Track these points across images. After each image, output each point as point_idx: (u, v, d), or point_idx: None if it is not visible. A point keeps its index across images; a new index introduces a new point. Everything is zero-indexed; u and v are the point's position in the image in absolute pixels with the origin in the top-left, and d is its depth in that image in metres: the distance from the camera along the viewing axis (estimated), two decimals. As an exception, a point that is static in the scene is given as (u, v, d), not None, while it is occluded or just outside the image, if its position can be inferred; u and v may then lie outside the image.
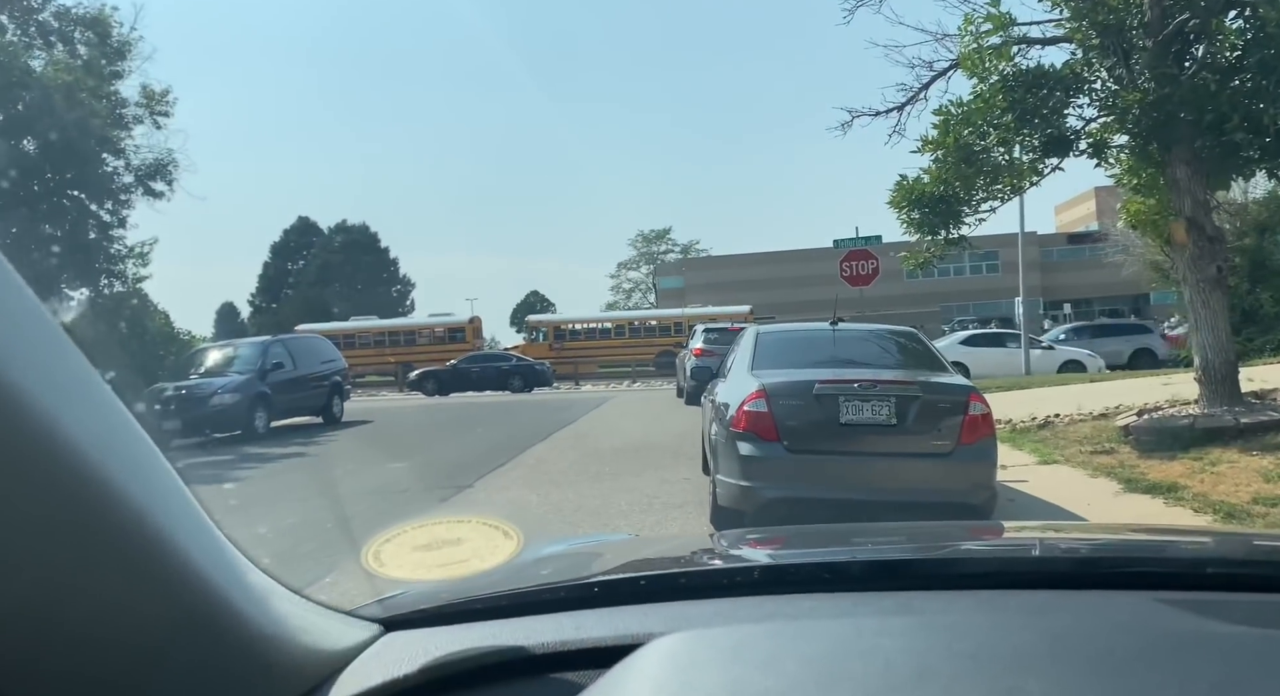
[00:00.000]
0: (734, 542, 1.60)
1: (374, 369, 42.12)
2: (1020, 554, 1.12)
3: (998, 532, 1.67)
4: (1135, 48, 8.82)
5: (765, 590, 0.97)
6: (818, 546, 1.39)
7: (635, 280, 79.72)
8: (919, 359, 6.88)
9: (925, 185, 9.90)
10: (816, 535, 1.73)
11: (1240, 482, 6.55)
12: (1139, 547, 1.29)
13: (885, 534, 1.66)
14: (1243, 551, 1.27)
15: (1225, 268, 9.35)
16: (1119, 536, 1.55)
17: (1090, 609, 0.86)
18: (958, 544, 1.38)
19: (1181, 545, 1.32)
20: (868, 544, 1.37)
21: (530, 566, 1.29)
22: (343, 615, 0.97)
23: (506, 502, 7.85)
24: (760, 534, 1.97)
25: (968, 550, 1.19)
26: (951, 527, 1.74)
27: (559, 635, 0.91)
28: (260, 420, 14.98)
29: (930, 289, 49.00)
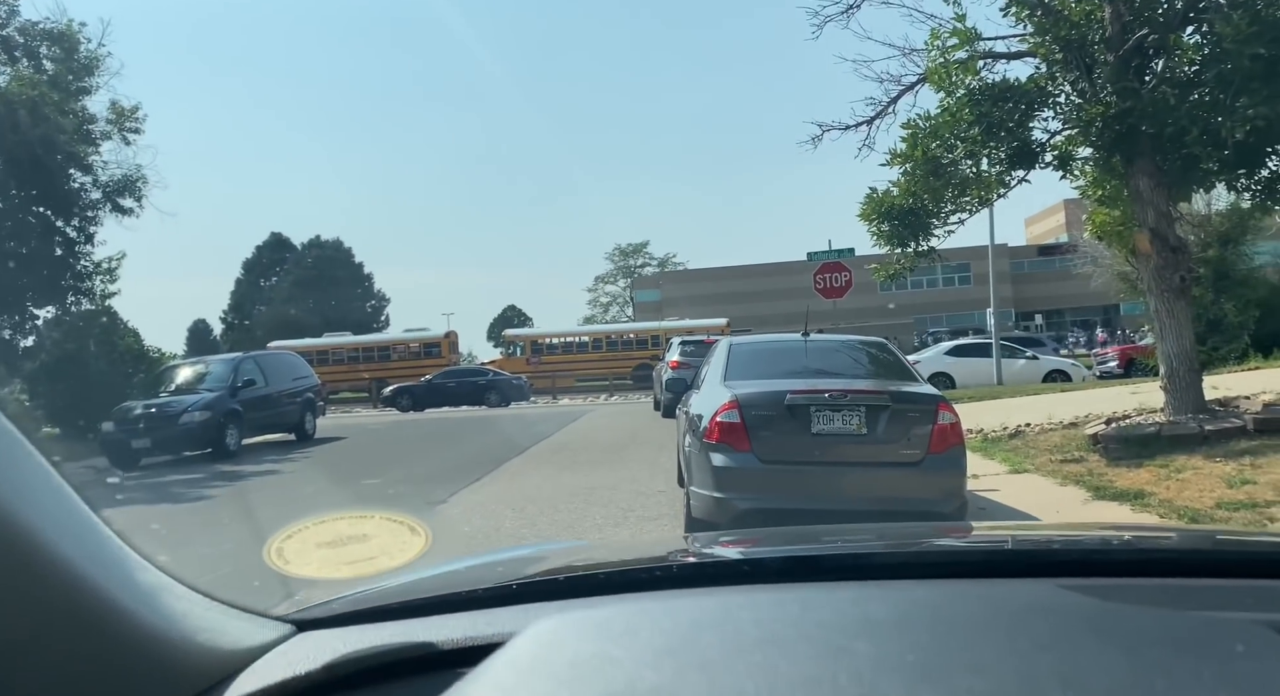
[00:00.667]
0: (676, 544, 1.61)
1: (348, 385, 41.79)
2: (931, 547, 1.14)
3: (938, 532, 1.69)
4: (1097, 62, 9.00)
5: (683, 584, 0.98)
6: (761, 546, 1.39)
7: (612, 294, 79.89)
8: (889, 369, 6.93)
9: (895, 198, 10.01)
10: (765, 536, 1.74)
11: (1205, 488, 6.65)
12: (1050, 539, 1.32)
13: (824, 534, 1.67)
14: (1148, 542, 1.29)
15: (1189, 278, 9.52)
16: (1039, 532, 1.58)
17: (986, 595, 0.88)
18: (878, 540, 1.40)
19: (1094, 536, 1.34)
20: (802, 543, 1.38)
21: (466, 567, 1.29)
22: (252, 615, 0.96)
23: (480, 517, 7.79)
24: (711, 537, 1.98)
25: (879, 545, 1.21)
26: (898, 527, 1.76)
27: (471, 631, 0.91)
28: (232, 438, 14.81)
29: (903, 301, 49.48)
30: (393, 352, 43.56)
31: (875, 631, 0.73)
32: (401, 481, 10.61)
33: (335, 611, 1.05)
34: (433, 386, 30.19)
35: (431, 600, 1.05)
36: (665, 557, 1.18)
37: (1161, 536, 1.52)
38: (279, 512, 8.71)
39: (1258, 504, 6.00)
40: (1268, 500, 6.07)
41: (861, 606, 0.78)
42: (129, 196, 20.40)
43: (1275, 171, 9.14)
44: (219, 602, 0.91)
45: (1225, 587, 0.93)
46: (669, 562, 1.06)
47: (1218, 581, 0.95)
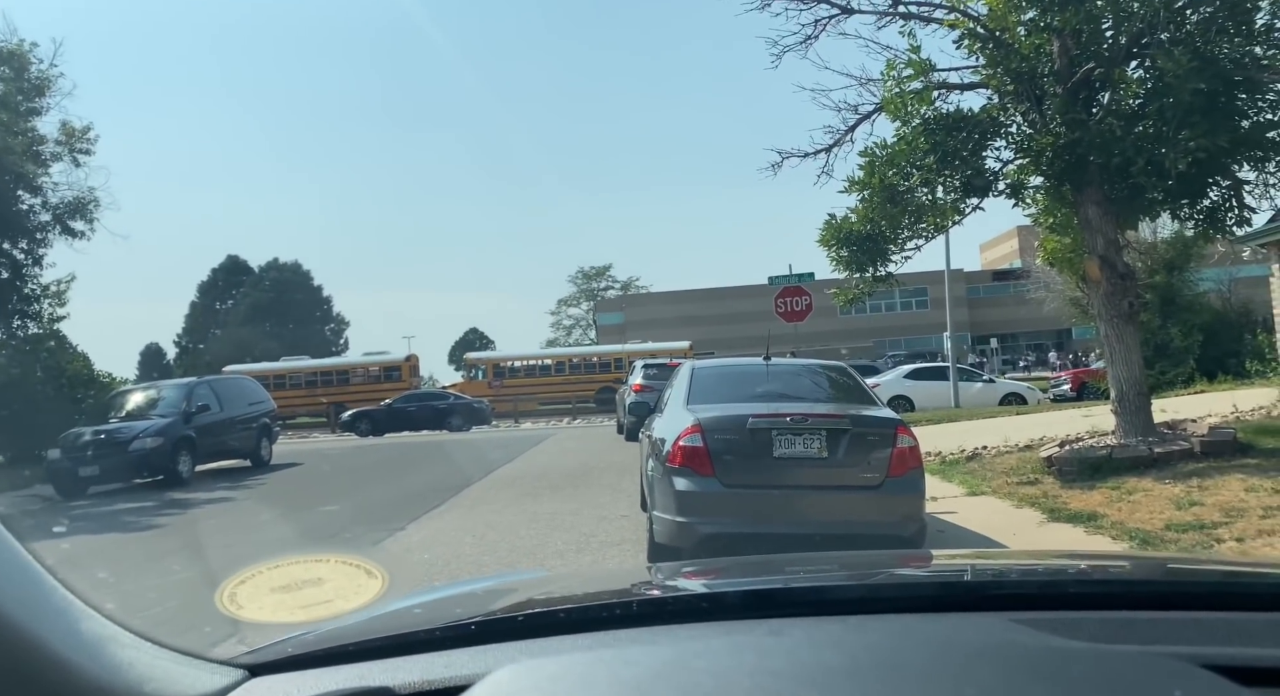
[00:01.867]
0: (637, 576, 1.60)
1: (306, 410, 41.14)
2: (886, 580, 1.15)
3: (896, 562, 1.70)
4: (1046, 94, 9.28)
5: (641, 622, 0.98)
6: (722, 579, 1.40)
7: (576, 316, 79.83)
8: (848, 392, 7.01)
9: (853, 224, 10.18)
10: (726, 567, 1.74)
11: (1154, 510, 6.80)
12: (1004, 571, 1.34)
13: (786, 564, 1.68)
14: (1099, 573, 1.32)
15: (1137, 304, 9.78)
16: (994, 562, 1.60)
17: (937, 634, 0.89)
18: (837, 572, 1.41)
19: (1046, 568, 1.37)
20: (762, 575, 1.39)
21: (420, 606, 1.27)
22: (202, 661, 0.94)
23: (440, 545, 7.69)
24: (674, 568, 1.97)
25: (837, 578, 1.22)
26: (858, 557, 1.77)
27: (427, 674, 0.89)
28: (184, 465, 14.47)
29: (863, 324, 50.12)
30: (352, 376, 42.97)
31: (827, 680, 0.73)
32: (359, 508, 10.43)
33: (288, 653, 1.02)
34: (393, 411, 29.82)
35: (387, 641, 1.03)
36: (623, 593, 1.17)
37: (1113, 566, 1.55)
38: (231, 542, 8.51)
39: (1205, 525, 6.14)
40: (1214, 521, 6.22)
41: (816, 652, 0.79)
42: (80, 218, 19.99)
43: (1216, 201, 9.46)
44: (168, 649, 0.88)
45: (1169, 620, 0.95)
46: (627, 599, 1.06)
47: (1162, 614, 0.97)
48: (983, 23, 9.35)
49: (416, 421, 29.11)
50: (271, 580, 1.24)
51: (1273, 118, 8.77)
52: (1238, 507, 6.51)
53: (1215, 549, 5.61)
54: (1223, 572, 1.38)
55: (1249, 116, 8.65)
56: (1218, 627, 0.92)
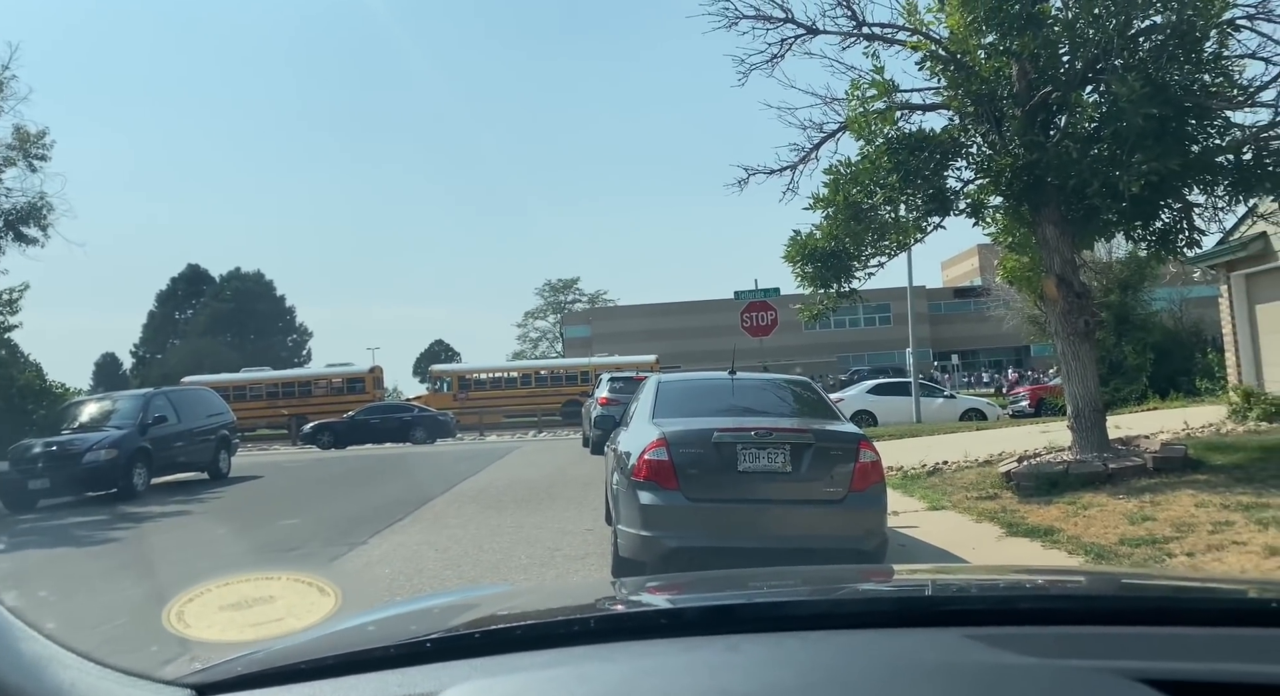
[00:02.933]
0: (598, 592, 1.60)
1: (266, 422, 40.49)
2: (844, 595, 1.16)
3: (856, 577, 1.72)
4: (1006, 116, 9.48)
5: (600, 638, 0.97)
6: (683, 594, 1.40)
7: (542, 329, 79.64)
8: (812, 407, 7.07)
9: (817, 241, 10.30)
10: (688, 583, 1.75)
11: (1109, 525, 6.93)
12: (961, 587, 1.36)
13: (748, 580, 1.69)
14: (1052, 588, 1.35)
15: (1092, 322, 10.00)
16: (952, 577, 1.63)
17: (898, 646, 0.90)
18: (796, 587, 1.42)
19: (1002, 583, 1.40)
20: (723, 590, 1.39)
21: (375, 622, 1.26)
22: (148, 682, 0.91)
23: (402, 559, 7.60)
24: (637, 583, 1.98)
25: (793, 593, 1.23)
26: (818, 572, 1.79)
27: (382, 693, 0.88)
28: (139, 477, 14.15)
29: (827, 339, 50.61)
30: (314, 388, 42.40)
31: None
32: (319, 522, 10.28)
33: (238, 672, 1.00)
34: (355, 423, 29.45)
35: (341, 659, 1.00)
36: (582, 609, 1.17)
37: (1067, 581, 1.57)
38: (185, 557, 8.33)
39: (1157, 540, 6.28)
40: (1166, 536, 6.36)
41: (771, 669, 0.79)
42: (33, 225, 19.53)
43: (1168, 223, 9.73)
44: (112, 670, 0.86)
45: (1118, 636, 0.97)
46: (585, 616, 1.06)
47: (1112, 629, 0.99)
48: (944, 45, 9.55)
49: (379, 434, 28.79)
50: (221, 598, 1.22)
51: (1220, 143, 9.05)
52: (1188, 523, 6.66)
53: (1166, 563, 5.74)
54: (1170, 588, 1.41)
55: (1198, 142, 8.92)
56: (1164, 642, 0.94)
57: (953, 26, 9.33)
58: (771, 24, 10.14)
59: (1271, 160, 9.14)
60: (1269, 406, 11.84)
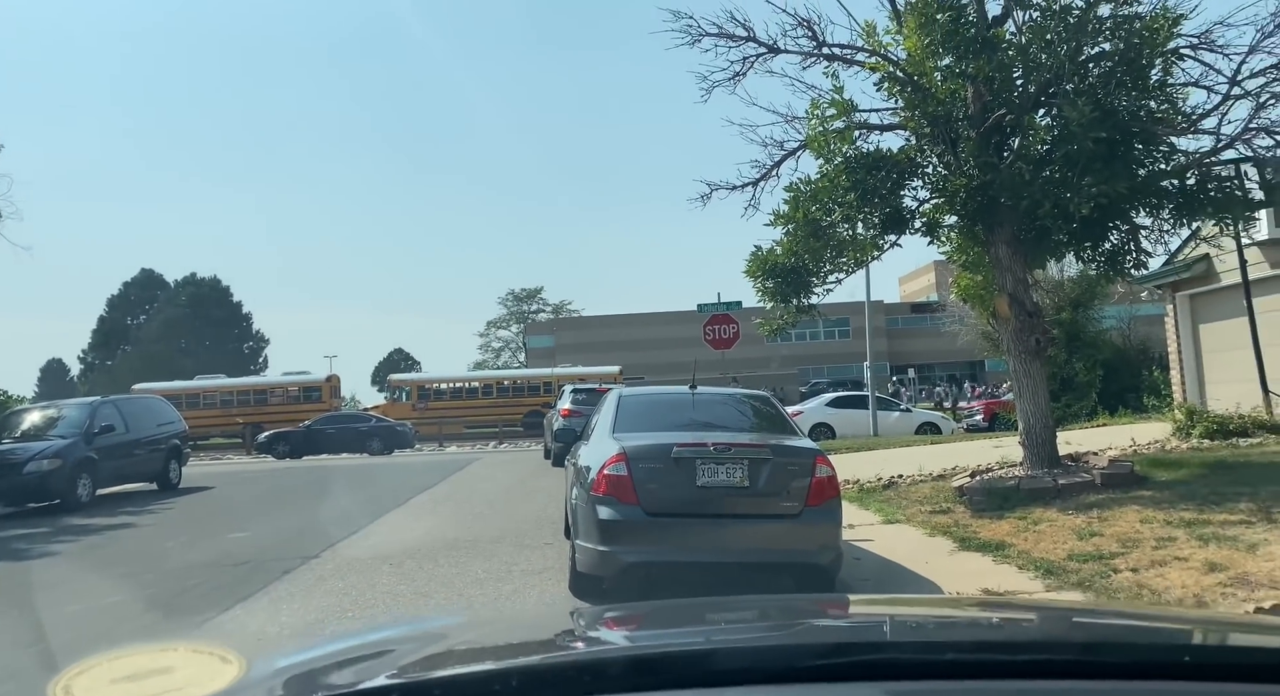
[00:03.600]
0: (546, 630, 1.57)
1: (220, 430, 39.70)
2: (772, 642, 1.16)
3: (802, 614, 1.73)
4: (961, 137, 9.69)
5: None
6: (631, 632, 1.39)
7: (505, 339, 79.11)
8: (771, 422, 7.13)
9: (778, 256, 10.42)
10: (644, 617, 1.73)
11: (1058, 540, 7.07)
12: (885, 630, 1.38)
13: (706, 611, 1.69)
14: (981, 635, 1.36)
15: (1044, 340, 10.22)
16: (895, 614, 1.64)
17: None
18: (719, 627, 1.41)
19: (927, 624, 1.41)
20: (678, 627, 1.39)
21: (302, 661, 1.23)
22: None
23: (355, 573, 7.49)
24: (595, 614, 1.97)
25: (721, 647, 1.22)
26: (770, 606, 1.78)
27: None
28: (84, 488, 13.77)
29: (788, 352, 50.99)
30: (270, 396, 41.67)
31: None
32: (271, 534, 10.09)
33: None
34: (311, 432, 28.99)
35: None
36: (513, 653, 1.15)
37: (1011, 619, 1.56)
38: (126, 572, 8.12)
39: (1103, 555, 6.42)
40: (1112, 551, 6.50)
41: None
42: (-22, 227, 18.99)
43: (1116, 245, 10.00)
44: None
45: (1046, 692, 0.97)
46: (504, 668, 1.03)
47: (1039, 684, 0.98)
48: (902, 67, 9.73)
49: (336, 444, 28.39)
50: (113, 671, 1.17)
51: (1165, 168, 9.34)
52: (1134, 538, 6.82)
53: (1112, 579, 5.86)
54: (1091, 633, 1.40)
55: (1145, 166, 9.19)
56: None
57: (910, 49, 9.52)
58: (734, 42, 10.26)
59: (1214, 186, 9.46)
60: (1210, 424, 12.17)
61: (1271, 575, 5.55)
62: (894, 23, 9.99)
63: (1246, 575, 5.59)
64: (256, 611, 6.28)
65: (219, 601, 6.62)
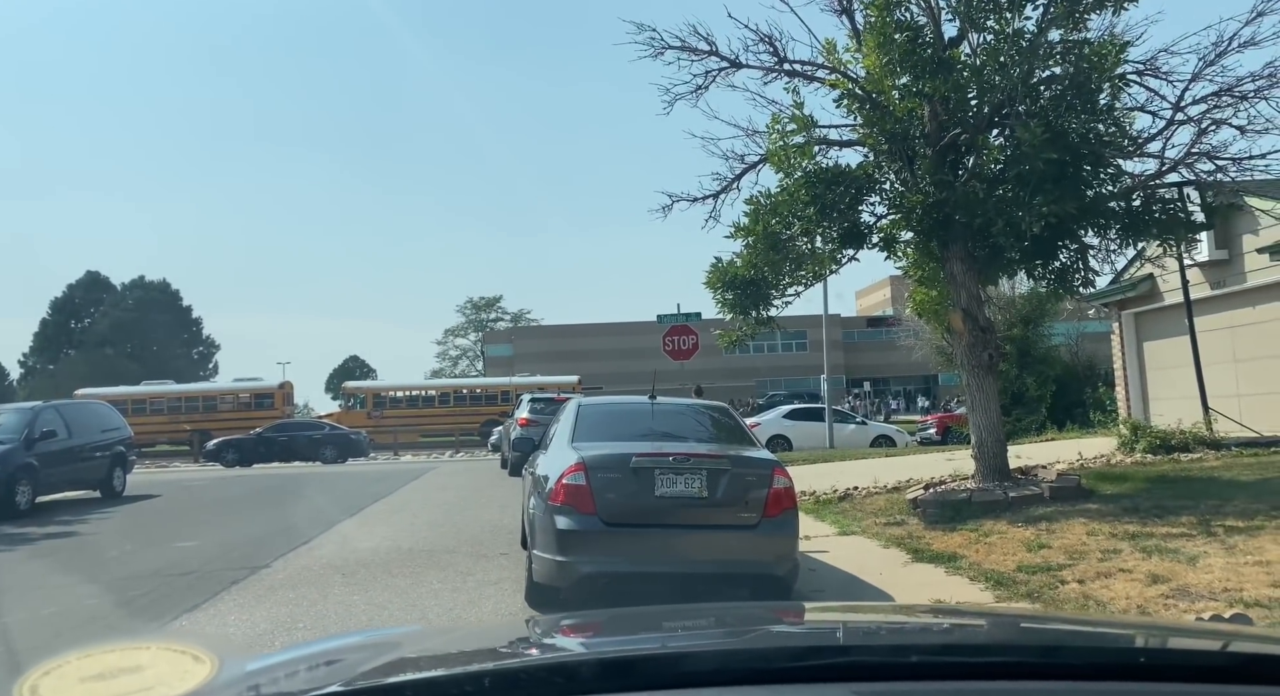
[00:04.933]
0: (501, 637, 1.56)
1: (168, 437, 38.77)
2: (737, 647, 1.17)
3: (762, 620, 1.74)
4: (918, 155, 9.88)
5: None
6: (588, 639, 1.39)
7: (463, 347, 78.51)
8: (729, 433, 7.17)
9: (737, 268, 10.50)
10: (600, 624, 1.73)
11: (1008, 552, 7.21)
12: (851, 634, 1.40)
13: (663, 619, 1.69)
14: (945, 638, 1.39)
15: (996, 355, 10.44)
16: (854, 621, 1.66)
17: None
18: (695, 639, 1.42)
19: (899, 630, 1.43)
20: (634, 633, 1.39)
21: (262, 668, 1.20)
22: None
23: (307, 584, 7.34)
24: (551, 622, 1.96)
25: (691, 649, 1.23)
26: (728, 613, 1.79)
27: None
28: (22, 495, 13.32)
29: (746, 364, 51.39)
30: (220, 403, 40.85)
31: None
32: (220, 544, 9.85)
33: None
34: (262, 440, 28.46)
35: None
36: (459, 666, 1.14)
37: (966, 624, 1.60)
38: (66, 583, 7.87)
39: (1051, 567, 6.56)
40: (1060, 563, 6.65)
41: None
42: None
43: (1065, 263, 10.26)
44: None
45: (999, 692, 0.99)
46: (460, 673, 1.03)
47: (992, 685, 1.01)
48: (861, 85, 9.90)
49: (288, 452, 27.90)
50: (81, 670, 1.13)
51: (1113, 189, 9.62)
52: (1080, 551, 6.98)
53: (1060, 590, 5.99)
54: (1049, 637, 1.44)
55: (1093, 187, 9.46)
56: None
57: (869, 67, 9.69)
58: (696, 56, 10.35)
59: (1158, 207, 9.77)
60: (1154, 440, 12.52)
61: (1210, 586, 5.71)
62: (853, 41, 10.17)
63: (1187, 587, 5.75)
64: (202, 622, 6.12)
65: (163, 613, 6.44)
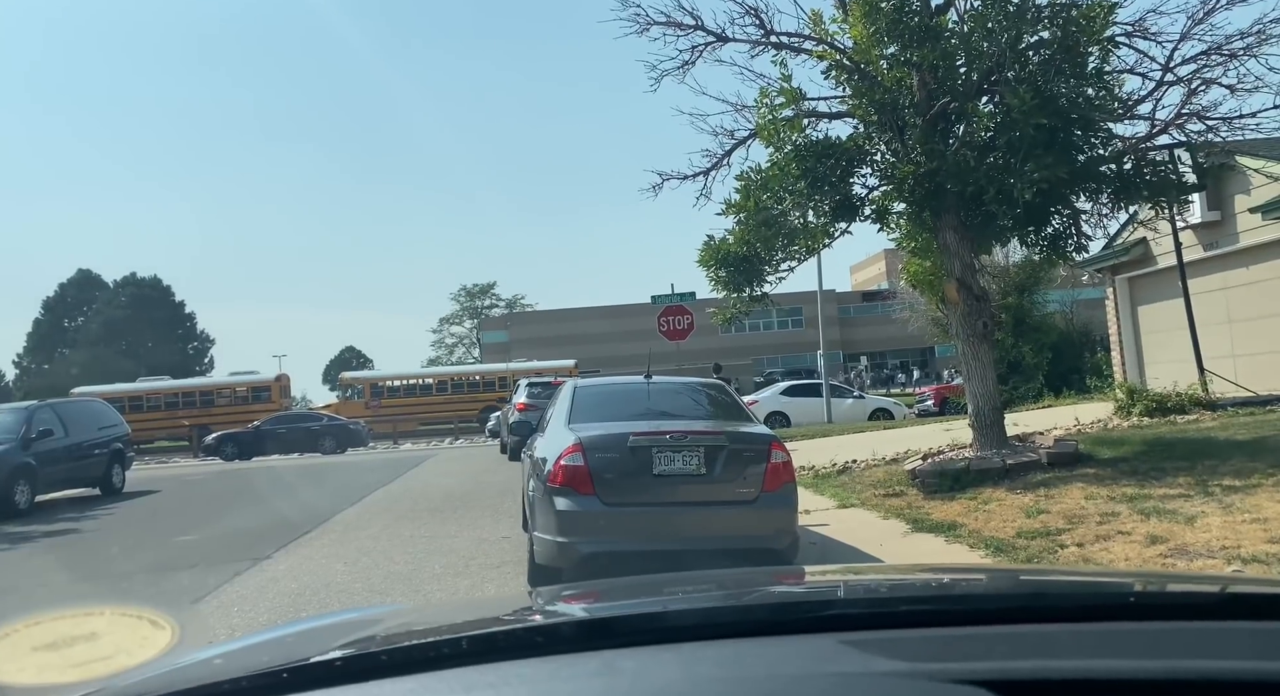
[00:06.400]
0: (488, 610, 1.55)
1: (166, 433, 38.77)
2: (724, 602, 1.17)
3: (756, 581, 1.74)
4: (908, 125, 9.81)
5: (470, 661, 0.94)
6: (564, 607, 1.38)
7: (459, 335, 78.46)
8: (725, 410, 7.16)
9: (730, 246, 10.45)
10: (581, 595, 1.73)
11: (1007, 519, 7.23)
12: (836, 589, 1.40)
13: (663, 585, 1.69)
14: (928, 589, 1.38)
15: (991, 323, 10.43)
16: (845, 578, 1.66)
17: (772, 656, 0.92)
18: (687, 595, 1.42)
19: (889, 585, 1.43)
20: (627, 598, 1.38)
21: (231, 653, 1.19)
22: None
23: (309, 573, 7.36)
24: (553, 592, 1.95)
25: (668, 604, 1.23)
26: (725, 577, 1.80)
27: None
28: (21, 495, 13.32)
29: (742, 342, 51.35)
30: (217, 397, 40.79)
31: None
32: (221, 537, 9.86)
33: None
34: (261, 433, 28.44)
35: (189, 691, 0.94)
36: (453, 629, 1.14)
37: (962, 579, 1.61)
38: (68, 580, 7.88)
39: (1050, 532, 6.58)
40: (1059, 528, 6.67)
41: (641, 685, 0.79)
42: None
43: (1058, 229, 10.22)
44: None
45: (982, 636, 0.99)
46: (450, 637, 1.03)
47: (976, 629, 1.01)
48: (848, 55, 9.82)
49: (287, 444, 27.91)
50: (32, 638, 1.10)
51: (1104, 153, 9.57)
52: (1079, 515, 7.00)
53: (1059, 554, 6.02)
54: (1036, 584, 1.46)
55: (1084, 151, 9.41)
56: (1025, 641, 0.97)
57: (856, 37, 9.60)
58: (682, 31, 10.26)
59: (1149, 170, 9.73)
60: (1150, 403, 12.55)
61: (1209, 545, 5.74)
62: (840, 11, 10.07)
63: (1186, 546, 5.78)
64: (206, 615, 6.13)
65: (166, 607, 6.44)
